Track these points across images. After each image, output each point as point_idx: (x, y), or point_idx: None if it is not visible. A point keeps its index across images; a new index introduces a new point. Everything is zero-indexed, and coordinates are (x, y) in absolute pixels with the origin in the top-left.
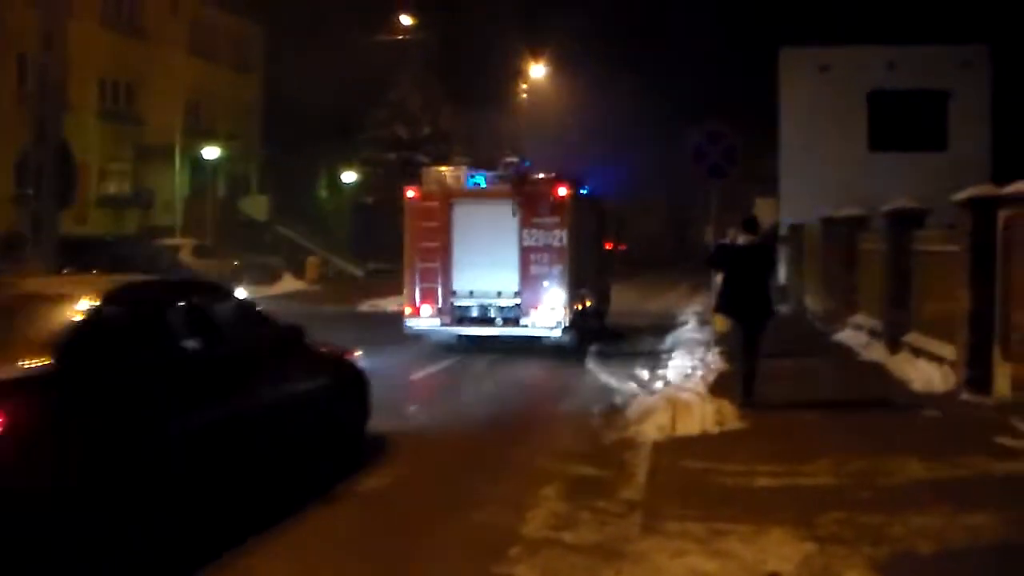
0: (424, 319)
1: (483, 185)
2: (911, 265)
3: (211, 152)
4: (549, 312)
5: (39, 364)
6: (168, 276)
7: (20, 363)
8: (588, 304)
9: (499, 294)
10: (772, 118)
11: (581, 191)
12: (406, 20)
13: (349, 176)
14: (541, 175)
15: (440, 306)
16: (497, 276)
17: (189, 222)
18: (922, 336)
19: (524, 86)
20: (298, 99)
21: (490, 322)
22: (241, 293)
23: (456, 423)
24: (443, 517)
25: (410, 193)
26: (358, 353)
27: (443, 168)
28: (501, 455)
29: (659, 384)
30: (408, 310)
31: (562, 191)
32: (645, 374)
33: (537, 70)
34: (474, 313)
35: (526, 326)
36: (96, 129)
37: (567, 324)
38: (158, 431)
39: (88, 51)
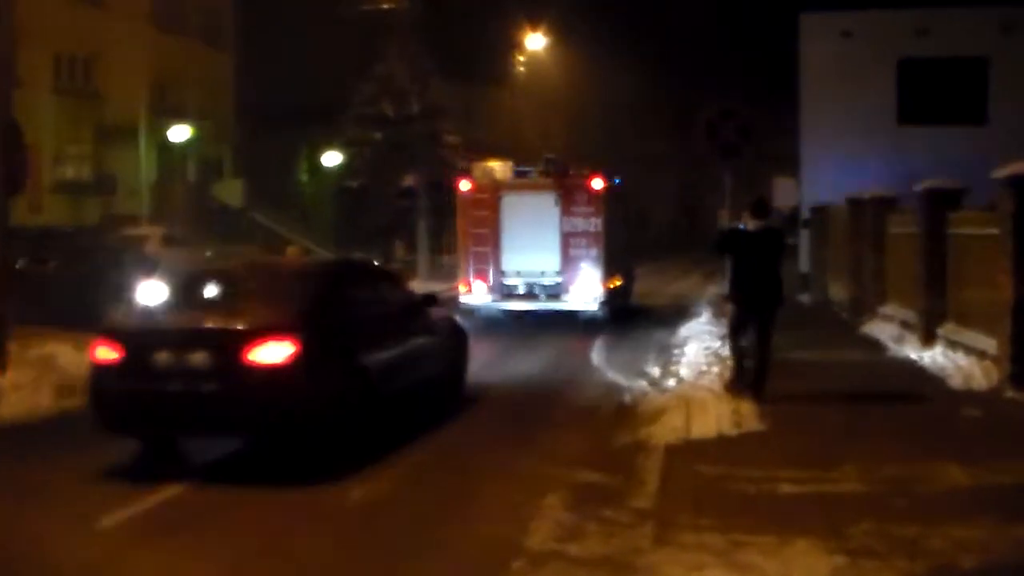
0: (477, 296)
1: (528, 178)
2: (947, 249)
3: (179, 133)
4: (586, 289)
5: (307, 313)
6: (352, 259)
7: (298, 311)
8: (618, 284)
9: (542, 274)
10: (791, 91)
11: (613, 184)
12: None
13: (332, 158)
14: (578, 170)
15: (491, 284)
16: (540, 258)
17: (156, 210)
18: (960, 327)
19: (521, 59)
20: (275, 75)
21: (534, 298)
22: None
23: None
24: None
25: (464, 186)
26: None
27: (492, 163)
28: (499, 462)
29: (671, 381)
30: (463, 288)
31: (597, 184)
32: (656, 370)
33: (535, 41)
34: (520, 290)
35: (566, 301)
36: (51, 108)
37: (602, 300)
38: (361, 359)
39: (41, 22)
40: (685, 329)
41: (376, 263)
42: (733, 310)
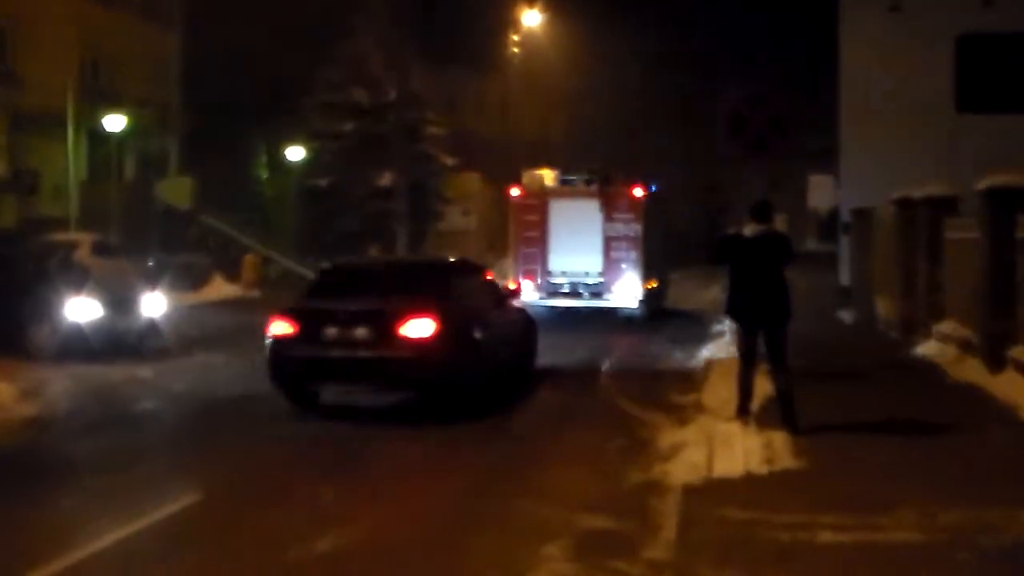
0: (525, 294)
1: (574, 186)
2: (1016, 258)
3: (115, 122)
4: (626, 289)
5: (443, 298)
6: (464, 257)
7: (436, 297)
8: (654, 286)
9: (586, 274)
10: (830, 75)
11: (652, 191)
12: None
13: (295, 153)
14: (620, 180)
15: (538, 283)
16: (585, 259)
17: (88, 212)
18: None
19: (516, 38)
20: (228, 57)
21: (578, 296)
22: (160, 303)
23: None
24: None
25: (514, 192)
26: None
27: (542, 171)
28: (494, 503)
29: (691, 410)
30: (512, 287)
31: (638, 192)
32: (673, 397)
33: (532, 18)
34: (566, 289)
35: (607, 300)
36: None
37: (640, 299)
38: (474, 335)
39: None
40: (706, 351)
41: (475, 262)
42: (738, 330)
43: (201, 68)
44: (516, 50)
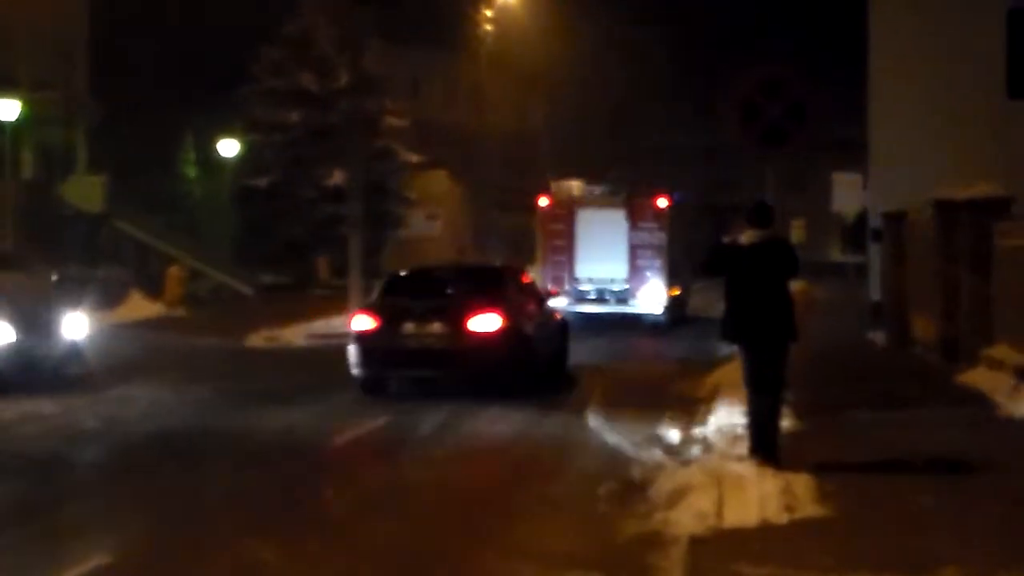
0: (553, 300)
1: (600, 196)
2: None
3: (7, 109)
4: (650, 295)
5: (506, 298)
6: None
7: (501, 296)
8: (677, 293)
9: (612, 281)
10: (857, 58)
11: (676, 201)
12: None
13: (229, 147)
14: (646, 189)
15: (566, 289)
16: (611, 267)
17: None
18: None
19: (488, 14)
20: (150, 33)
21: (604, 302)
22: (82, 324)
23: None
24: None
25: (543, 202)
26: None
27: (570, 182)
28: (462, 559)
29: (695, 449)
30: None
31: (662, 202)
32: (674, 434)
33: None
34: (592, 296)
35: (632, 306)
36: None
37: (665, 306)
38: (526, 331)
39: None
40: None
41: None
42: (743, 353)
43: (115, 46)
44: (489, 28)
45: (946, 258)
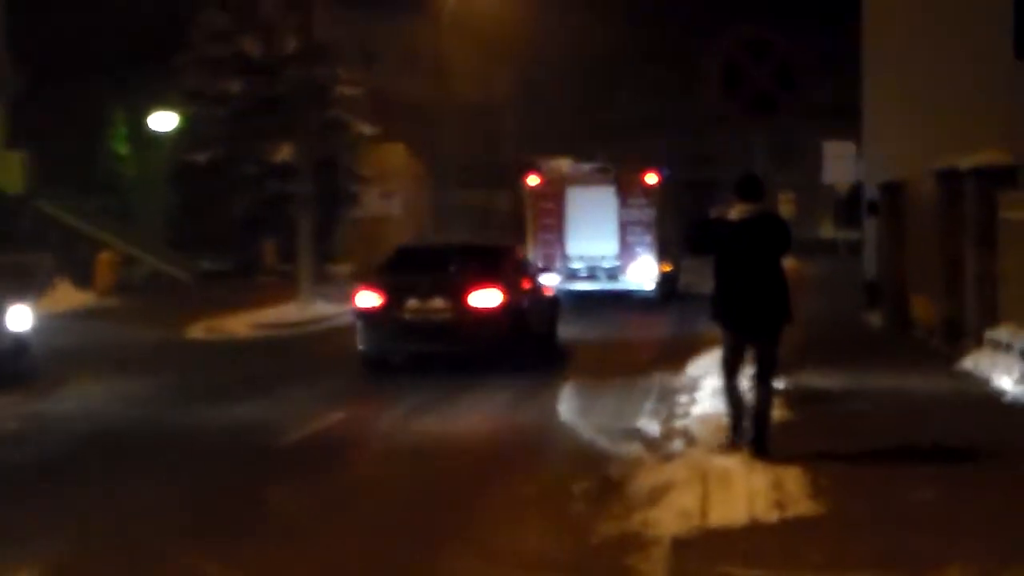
0: (544, 277)
1: (589, 173)
2: None
3: None
4: (641, 272)
5: (506, 274)
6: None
7: (501, 272)
8: (669, 270)
9: (603, 258)
10: (849, 15)
11: (665, 177)
12: None
13: (164, 121)
14: (635, 165)
15: (557, 267)
16: (601, 244)
17: None
18: None
19: None
20: None
21: (596, 279)
22: (26, 316)
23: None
24: None
25: (532, 180)
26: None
27: (559, 160)
28: (423, 562)
29: (677, 443)
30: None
31: (651, 179)
32: (654, 426)
33: None
34: (583, 273)
35: (623, 282)
36: None
37: (656, 281)
38: (522, 307)
39: None
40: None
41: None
42: (724, 336)
43: (37, 10)
44: None
45: (949, 232)
